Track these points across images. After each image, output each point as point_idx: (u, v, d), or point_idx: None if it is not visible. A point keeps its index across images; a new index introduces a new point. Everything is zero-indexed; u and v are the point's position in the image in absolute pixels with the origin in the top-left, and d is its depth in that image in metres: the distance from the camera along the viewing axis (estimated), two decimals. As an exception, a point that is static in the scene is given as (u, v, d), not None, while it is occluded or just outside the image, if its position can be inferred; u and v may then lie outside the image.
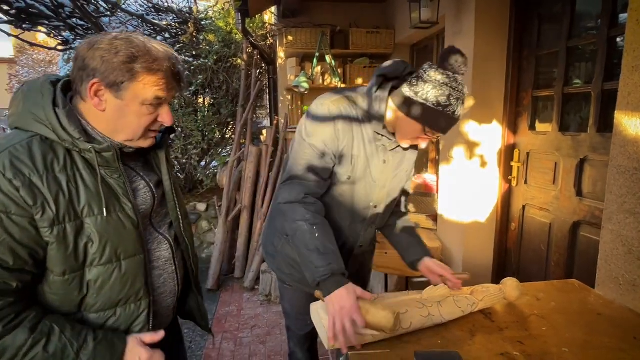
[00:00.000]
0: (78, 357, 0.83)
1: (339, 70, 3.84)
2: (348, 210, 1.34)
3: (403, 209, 1.52)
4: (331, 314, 1.03)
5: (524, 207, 2.38)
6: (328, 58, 3.71)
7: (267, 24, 4.68)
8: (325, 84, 3.85)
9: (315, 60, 3.72)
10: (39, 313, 0.84)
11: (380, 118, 1.23)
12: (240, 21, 3.66)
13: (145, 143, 0.95)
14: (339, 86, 3.76)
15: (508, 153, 2.46)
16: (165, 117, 0.92)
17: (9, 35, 1.91)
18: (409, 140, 1.25)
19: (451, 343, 1.05)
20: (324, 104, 1.24)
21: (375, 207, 1.36)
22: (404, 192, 1.50)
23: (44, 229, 0.80)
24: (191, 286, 1.17)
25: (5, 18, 1.73)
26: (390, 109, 1.24)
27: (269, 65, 4.99)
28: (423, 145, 1.26)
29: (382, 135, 1.26)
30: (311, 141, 1.23)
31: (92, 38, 0.85)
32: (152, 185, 1.02)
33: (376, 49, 3.77)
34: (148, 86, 0.86)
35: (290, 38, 3.74)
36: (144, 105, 0.87)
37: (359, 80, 3.87)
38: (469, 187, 2.52)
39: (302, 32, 3.71)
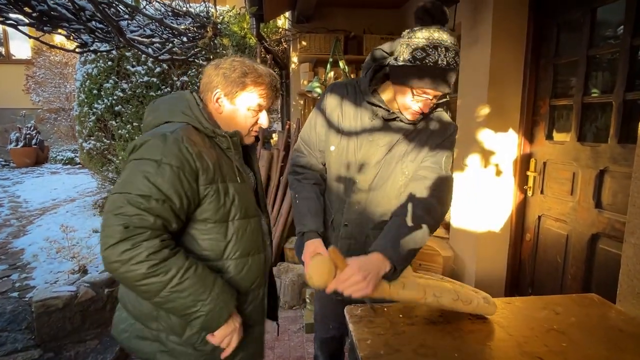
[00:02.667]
0: (214, 285, 1.05)
1: (352, 76, 3.83)
2: (334, 181, 1.37)
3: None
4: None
5: (539, 217, 2.34)
6: (341, 63, 3.71)
7: (281, 29, 4.71)
8: (338, 89, 3.84)
9: (328, 66, 3.72)
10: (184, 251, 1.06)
11: (367, 91, 1.28)
12: (254, 26, 3.68)
13: (248, 140, 1.22)
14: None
15: (524, 162, 2.42)
16: (263, 120, 1.20)
17: (30, 37, 1.95)
18: (410, 110, 1.23)
19: (468, 356, 1.03)
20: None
21: (355, 183, 1.32)
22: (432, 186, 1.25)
23: (202, 186, 1.05)
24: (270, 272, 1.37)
25: (26, 20, 1.77)
26: (389, 86, 1.27)
27: (282, 70, 5.01)
28: (424, 109, 1.21)
29: (375, 106, 1.28)
30: (311, 115, 1.41)
31: (217, 61, 1.15)
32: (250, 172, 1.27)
33: (390, 55, 3.75)
34: (253, 95, 1.14)
35: (304, 43, 3.75)
36: (249, 110, 1.16)
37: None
38: (483, 195, 2.49)
39: (316, 37, 3.72)
